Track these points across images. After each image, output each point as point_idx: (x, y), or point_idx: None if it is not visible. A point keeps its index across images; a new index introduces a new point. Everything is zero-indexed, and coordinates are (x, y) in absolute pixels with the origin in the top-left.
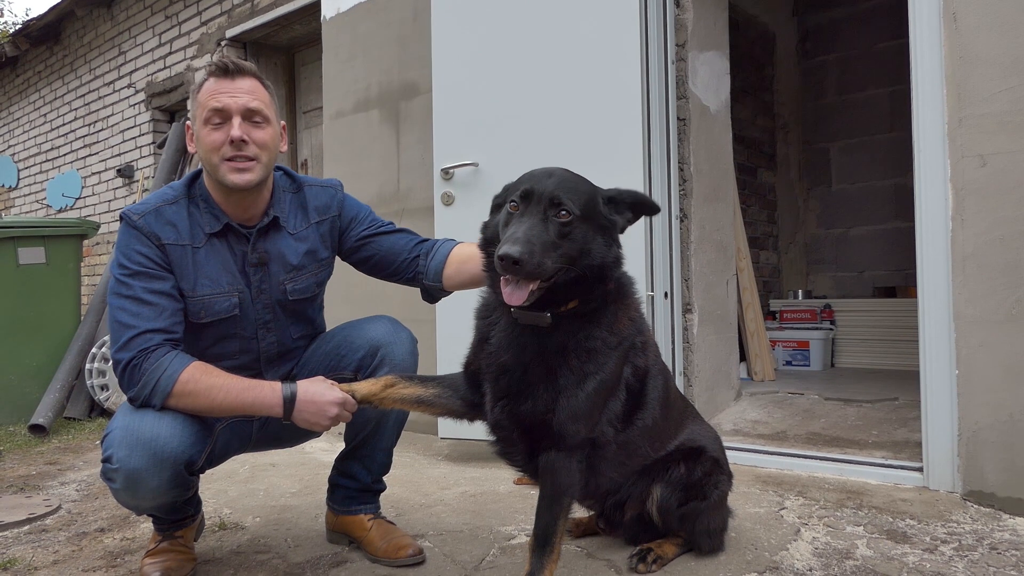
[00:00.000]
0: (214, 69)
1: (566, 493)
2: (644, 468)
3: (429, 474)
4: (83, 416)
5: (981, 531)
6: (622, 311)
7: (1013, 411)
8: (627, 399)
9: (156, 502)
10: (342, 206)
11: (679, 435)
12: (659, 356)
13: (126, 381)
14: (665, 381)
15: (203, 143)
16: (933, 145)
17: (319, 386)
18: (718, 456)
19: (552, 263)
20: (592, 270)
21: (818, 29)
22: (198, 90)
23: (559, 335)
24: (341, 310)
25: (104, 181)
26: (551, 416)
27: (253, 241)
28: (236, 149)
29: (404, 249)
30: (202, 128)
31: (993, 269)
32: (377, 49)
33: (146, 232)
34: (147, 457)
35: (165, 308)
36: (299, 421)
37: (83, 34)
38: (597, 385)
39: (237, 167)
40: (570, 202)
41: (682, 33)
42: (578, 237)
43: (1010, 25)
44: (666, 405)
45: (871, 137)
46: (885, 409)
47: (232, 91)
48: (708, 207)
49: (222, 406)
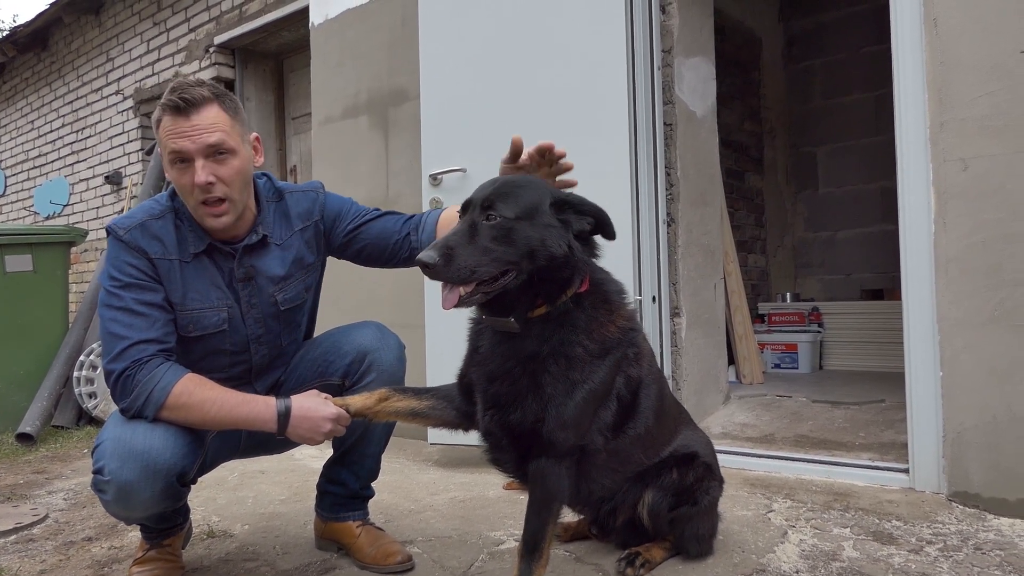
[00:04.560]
0: (168, 107)
1: (555, 499)
2: (637, 474)
3: (418, 480)
4: (71, 424)
5: (966, 531)
6: (604, 316)
7: (997, 412)
8: (619, 409)
9: (147, 513)
10: (324, 208)
11: (673, 441)
12: (654, 363)
13: (119, 392)
14: (659, 389)
15: (175, 182)
16: (916, 149)
17: (313, 401)
18: (710, 462)
19: (484, 267)
20: (542, 271)
21: (804, 34)
22: (156, 126)
23: (533, 341)
24: (331, 315)
25: (92, 188)
26: (540, 425)
27: (239, 257)
28: (205, 192)
29: (394, 231)
30: (170, 168)
31: (976, 272)
32: (366, 55)
33: (133, 246)
34: (139, 469)
35: (157, 319)
36: (293, 436)
37: (71, 40)
38: (585, 395)
39: (212, 212)
40: (502, 205)
41: (668, 39)
42: (518, 239)
43: (990, 30)
44: (660, 413)
45: (857, 141)
46: (872, 411)
47: (189, 131)
48: (695, 211)
49: (215, 420)
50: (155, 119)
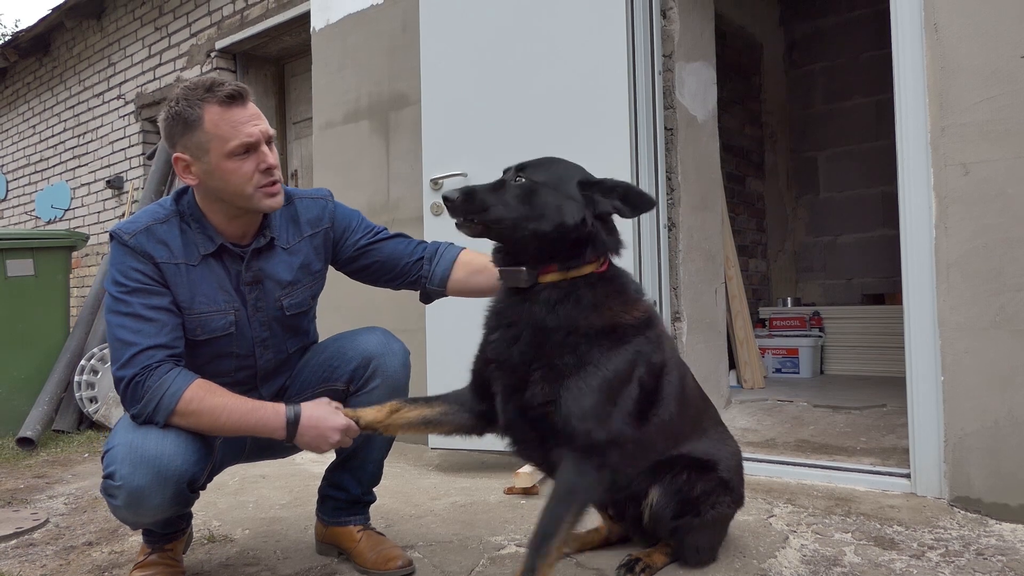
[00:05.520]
0: (223, 98)
1: (575, 495)
2: (651, 465)
3: (419, 484)
4: (72, 429)
5: (968, 537)
6: (617, 304)
7: (998, 417)
8: (641, 396)
9: (156, 518)
10: (334, 217)
11: (694, 438)
12: (675, 351)
13: (128, 398)
14: (681, 376)
15: (232, 175)
16: (916, 154)
17: (323, 410)
18: (727, 478)
19: (497, 211)
20: (550, 232)
21: (805, 39)
22: (199, 122)
23: (541, 307)
24: (332, 319)
25: (93, 192)
26: (553, 408)
27: (247, 260)
28: (268, 176)
29: (405, 254)
30: (225, 161)
31: (977, 276)
32: (367, 60)
33: (138, 251)
34: (151, 475)
35: (166, 323)
36: (300, 443)
37: (72, 46)
38: (600, 381)
39: (271, 191)
40: (532, 170)
41: (669, 44)
42: (537, 201)
43: (990, 35)
44: (682, 401)
45: (858, 145)
46: (873, 416)
47: (253, 118)
48: (696, 216)
49: (225, 426)
50: (196, 116)
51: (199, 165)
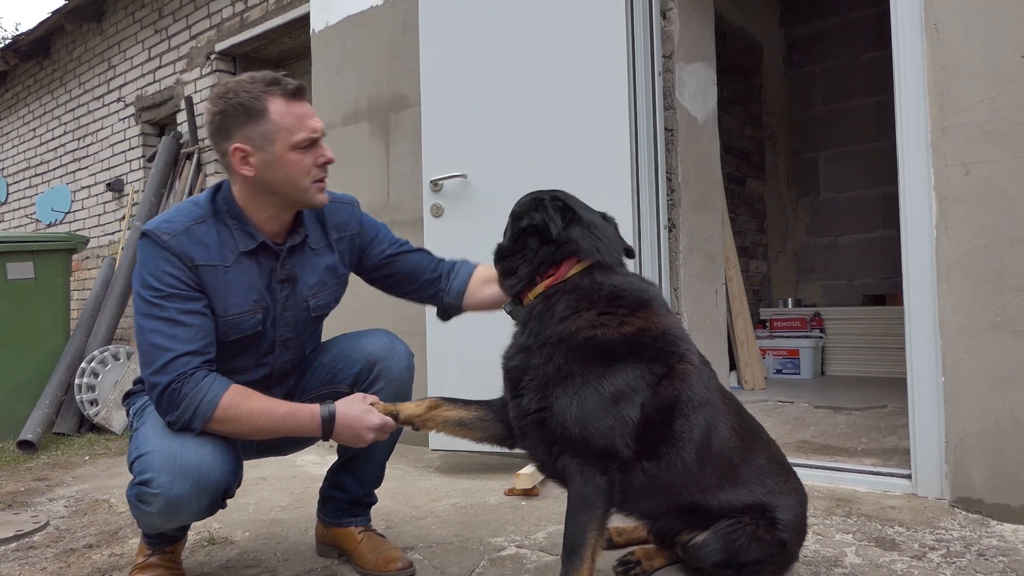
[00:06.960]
0: (286, 91)
1: (588, 500)
2: (689, 507)
3: (420, 486)
4: (72, 432)
5: (969, 537)
6: (605, 315)
7: (999, 417)
8: (644, 423)
9: (184, 523)
10: (361, 224)
11: (744, 487)
12: (708, 391)
13: (164, 405)
14: (708, 423)
15: (293, 167)
16: (917, 154)
17: (357, 408)
18: (786, 538)
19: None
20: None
21: (805, 40)
22: (265, 113)
23: (523, 330)
24: (332, 320)
25: (94, 195)
26: (546, 413)
27: (283, 258)
28: (324, 171)
29: (427, 268)
30: (290, 153)
31: (978, 277)
32: (367, 62)
33: (178, 252)
34: (191, 485)
35: (200, 328)
36: (335, 440)
37: (72, 49)
38: (591, 391)
39: (322, 187)
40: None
41: (668, 45)
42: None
43: (990, 35)
44: (706, 447)
45: (858, 146)
46: (874, 416)
47: (314, 113)
48: (696, 217)
49: (262, 430)
50: (259, 108)
51: (260, 156)
